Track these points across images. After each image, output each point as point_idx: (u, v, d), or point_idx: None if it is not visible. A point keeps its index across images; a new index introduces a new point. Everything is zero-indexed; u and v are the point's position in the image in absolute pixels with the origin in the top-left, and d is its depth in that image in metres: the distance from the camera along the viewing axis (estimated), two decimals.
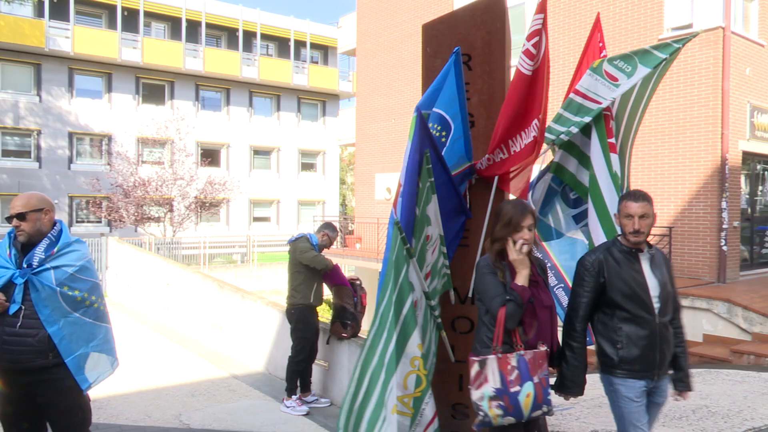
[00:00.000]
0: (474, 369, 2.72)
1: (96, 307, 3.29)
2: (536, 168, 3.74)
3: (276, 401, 6.03)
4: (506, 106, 3.24)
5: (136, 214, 20.44)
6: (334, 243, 6.58)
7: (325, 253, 6.24)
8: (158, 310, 10.82)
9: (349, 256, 17.29)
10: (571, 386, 3.00)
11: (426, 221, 3.01)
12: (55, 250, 3.20)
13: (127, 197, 20.32)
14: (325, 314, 6.49)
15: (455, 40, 3.54)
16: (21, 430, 3.31)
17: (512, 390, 2.69)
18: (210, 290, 8.98)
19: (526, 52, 3.09)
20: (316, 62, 32.05)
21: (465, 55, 3.54)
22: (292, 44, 30.11)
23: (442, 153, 3.24)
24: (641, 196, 2.88)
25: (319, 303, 5.99)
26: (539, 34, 3.06)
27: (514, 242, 2.80)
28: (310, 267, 5.82)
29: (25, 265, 3.14)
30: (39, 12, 23.81)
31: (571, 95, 3.54)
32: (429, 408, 2.88)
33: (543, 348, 2.83)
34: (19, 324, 3.09)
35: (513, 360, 2.73)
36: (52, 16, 23.93)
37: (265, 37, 29.90)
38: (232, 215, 28.32)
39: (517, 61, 3.18)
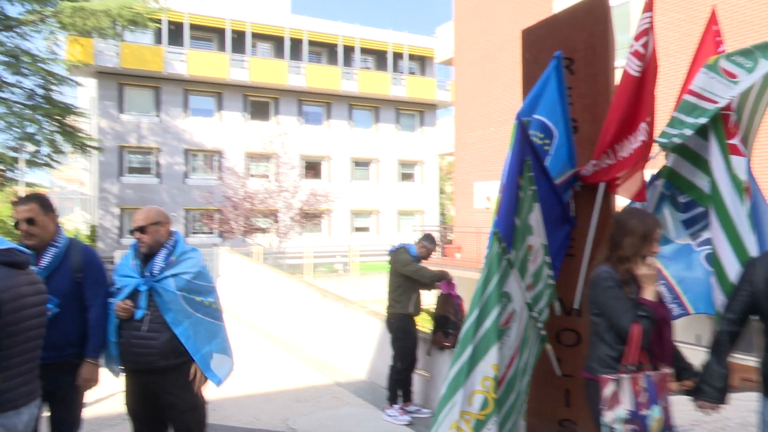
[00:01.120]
0: (609, 389, 2.57)
1: (214, 308, 3.53)
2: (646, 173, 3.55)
3: (378, 409, 6.09)
4: (614, 109, 3.11)
5: (244, 225, 21.51)
6: (434, 253, 6.57)
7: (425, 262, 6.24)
8: (266, 317, 11.28)
9: (449, 265, 17.21)
10: (710, 391, 2.78)
11: (527, 230, 2.93)
12: (173, 258, 3.46)
13: (237, 209, 21.42)
14: (425, 324, 6.49)
15: (556, 44, 3.44)
16: (145, 426, 3.59)
17: (641, 413, 2.55)
18: (314, 299, 9.25)
19: (635, 53, 2.95)
20: (414, 73, 32.32)
21: (567, 59, 3.44)
22: (390, 56, 30.58)
23: (547, 161, 3.15)
24: None
25: (417, 313, 6.00)
26: (647, 33, 2.92)
27: (643, 256, 2.69)
28: (410, 277, 5.85)
29: (147, 274, 3.42)
30: (158, 39, 25.75)
31: (685, 95, 3.33)
32: None
33: (667, 370, 2.68)
34: (144, 328, 3.36)
35: (643, 381, 2.59)
36: (169, 42, 25.81)
37: (364, 51, 30.58)
38: (334, 225, 29.06)
39: (624, 63, 3.05)
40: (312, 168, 28.74)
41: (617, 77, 3.22)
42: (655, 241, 2.69)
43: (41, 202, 3.30)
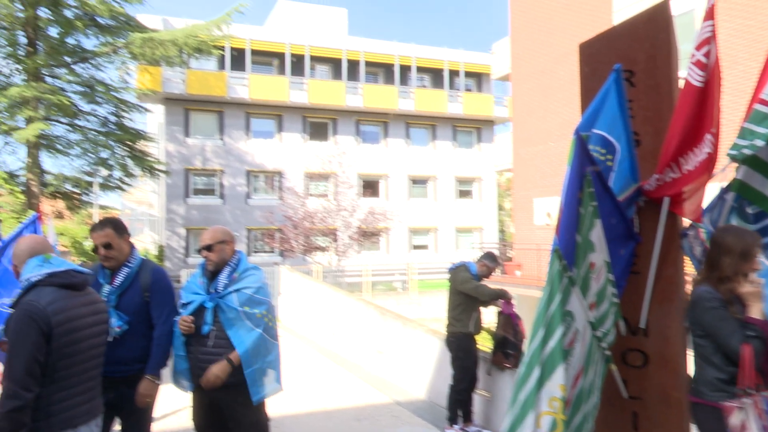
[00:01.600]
0: (737, 417, 2.51)
1: (271, 326, 3.61)
2: (713, 186, 3.40)
3: (438, 429, 6.02)
4: (676, 121, 3.01)
5: (304, 244, 21.86)
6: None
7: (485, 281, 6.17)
8: (325, 335, 11.38)
9: (509, 283, 16.94)
10: None
11: (589, 248, 2.85)
12: (236, 275, 3.59)
13: (296, 228, 21.82)
14: (485, 343, 6.40)
15: (615, 57, 3.37)
16: None
17: None
18: (372, 317, 9.27)
19: (697, 63, 2.85)
20: (470, 90, 32.25)
21: (627, 71, 3.36)
22: (446, 74, 30.65)
23: (611, 177, 3.07)
24: None
25: (478, 332, 5.93)
26: (710, 42, 2.82)
27: (745, 274, 2.60)
28: (470, 296, 5.79)
29: (212, 291, 3.55)
30: (221, 65, 26.74)
31: (755, 105, 3.19)
32: None
33: None
34: (210, 344, 3.47)
35: (763, 403, 2.50)
36: (232, 67, 26.75)
37: (420, 69, 30.78)
38: (392, 243, 29.13)
39: (685, 73, 2.96)
40: (370, 186, 28.99)
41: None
42: (755, 257, 2.62)
43: (115, 226, 3.49)
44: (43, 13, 18.24)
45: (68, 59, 19.14)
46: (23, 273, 2.64)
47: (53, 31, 18.83)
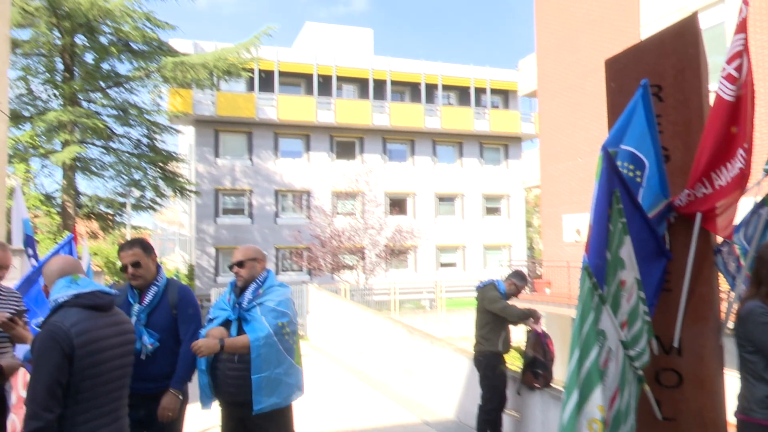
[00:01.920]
0: None
1: (287, 339, 3.59)
2: (747, 201, 3.33)
3: None
4: (707, 135, 2.96)
5: (332, 262, 21.92)
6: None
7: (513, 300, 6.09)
8: (353, 354, 11.35)
9: (539, 301, 16.70)
10: None
11: (619, 265, 2.80)
12: (260, 291, 3.64)
13: (324, 247, 21.91)
14: (515, 361, 6.30)
15: (642, 72, 3.34)
16: None
17: None
18: (400, 336, 9.22)
19: (728, 77, 2.81)
20: (497, 107, 32.19)
21: (654, 86, 3.32)
22: (472, 92, 30.67)
23: (640, 193, 3.02)
24: None
25: (507, 350, 5.85)
26: (741, 55, 2.78)
27: None
28: (498, 315, 5.72)
29: (237, 306, 3.60)
30: (250, 87, 27.21)
31: None
32: None
33: None
34: (236, 359, 3.49)
35: None
36: (260, 89, 27.19)
37: (446, 87, 30.86)
38: (420, 261, 29.03)
39: (716, 87, 2.91)
40: (397, 205, 29.02)
41: (711, 102, 3.07)
42: None
43: (143, 245, 3.58)
44: (80, 40, 18.87)
45: (103, 84, 19.73)
46: (51, 293, 2.67)
47: (89, 57, 19.46)
